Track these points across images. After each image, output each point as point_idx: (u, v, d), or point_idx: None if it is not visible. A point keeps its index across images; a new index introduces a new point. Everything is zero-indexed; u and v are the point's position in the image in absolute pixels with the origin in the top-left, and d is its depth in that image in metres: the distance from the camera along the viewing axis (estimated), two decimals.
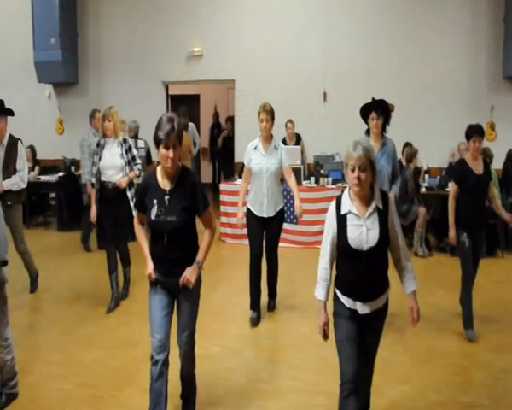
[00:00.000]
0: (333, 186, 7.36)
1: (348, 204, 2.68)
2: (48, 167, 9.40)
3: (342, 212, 2.68)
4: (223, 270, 6.61)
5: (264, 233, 4.89)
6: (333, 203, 2.74)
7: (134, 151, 5.17)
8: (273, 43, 8.77)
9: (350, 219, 2.66)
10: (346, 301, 2.74)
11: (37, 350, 4.38)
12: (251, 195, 4.84)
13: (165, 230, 2.90)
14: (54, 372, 3.98)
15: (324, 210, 7.11)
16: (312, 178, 7.41)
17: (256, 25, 8.84)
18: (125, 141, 5.10)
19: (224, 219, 7.73)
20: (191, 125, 10.11)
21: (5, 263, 3.34)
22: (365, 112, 4.56)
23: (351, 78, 8.42)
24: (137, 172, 5.15)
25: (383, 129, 4.54)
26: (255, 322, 4.75)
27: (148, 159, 7.89)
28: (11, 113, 5.40)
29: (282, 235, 7.12)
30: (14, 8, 9.98)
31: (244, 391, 3.69)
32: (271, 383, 3.77)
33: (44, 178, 8.91)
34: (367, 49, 8.47)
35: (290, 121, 8.09)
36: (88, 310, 5.26)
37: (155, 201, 2.91)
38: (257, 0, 8.83)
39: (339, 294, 2.78)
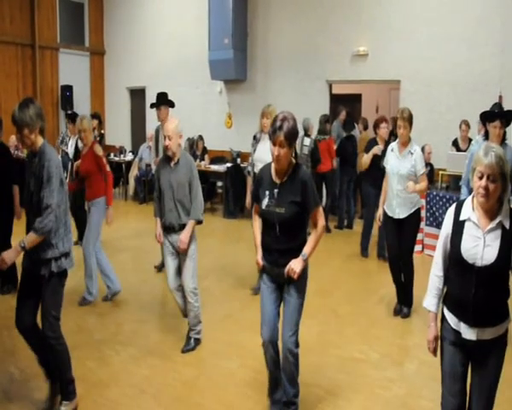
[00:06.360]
0: None
1: (469, 211, 2.40)
2: (216, 158, 10.13)
3: (461, 218, 2.42)
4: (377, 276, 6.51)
5: None
6: (452, 207, 2.49)
7: None
8: (442, 43, 8.25)
9: (467, 228, 2.38)
10: (450, 318, 2.49)
11: (203, 327, 4.55)
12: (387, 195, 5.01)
13: (275, 220, 3.02)
14: (219, 350, 4.25)
15: None
16: None
17: (423, 23, 8.40)
18: None
19: None
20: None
21: (200, 222, 4.09)
22: (489, 118, 4.56)
23: None
24: None
25: (504, 137, 4.54)
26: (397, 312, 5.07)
27: (313, 156, 7.90)
28: (172, 104, 5.98)
29: (428, 241, 6.99)
30: (192, 13, 10.95)
31: (404, 405, 3.55)
32: (434, 403, 3.45)
33: (214, 167, 9.54)
34: None
35: (466, 123, 7.35)
36: (248, 295, 5.51)
37: (267, 192, 3.06)
38: None
39: (445, 309, 2.53)
